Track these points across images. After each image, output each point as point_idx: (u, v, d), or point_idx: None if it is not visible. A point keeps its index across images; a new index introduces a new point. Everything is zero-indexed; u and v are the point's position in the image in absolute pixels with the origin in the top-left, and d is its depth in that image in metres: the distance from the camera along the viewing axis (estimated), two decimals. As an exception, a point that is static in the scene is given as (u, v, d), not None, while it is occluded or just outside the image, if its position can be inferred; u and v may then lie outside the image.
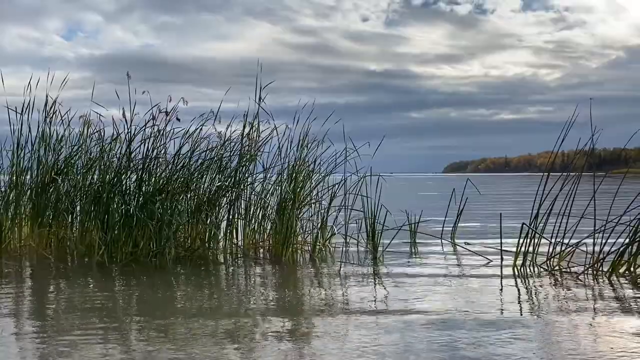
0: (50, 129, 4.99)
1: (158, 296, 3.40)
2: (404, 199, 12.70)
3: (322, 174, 5.17)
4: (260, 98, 4.95)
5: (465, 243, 5.40)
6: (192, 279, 3.94)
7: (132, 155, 4.77)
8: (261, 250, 5.01)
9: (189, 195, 4.80)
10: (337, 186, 5.25)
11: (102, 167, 4.77)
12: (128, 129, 4.74)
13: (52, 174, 4.83)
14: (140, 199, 4.60)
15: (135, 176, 4.74)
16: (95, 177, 4.83)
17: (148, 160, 4.72)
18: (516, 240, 4.40)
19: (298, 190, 4.86)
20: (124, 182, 4.69)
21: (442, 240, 5.67)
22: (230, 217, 4.92)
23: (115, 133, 4.82)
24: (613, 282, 3.78)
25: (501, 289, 3.57)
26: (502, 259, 4.42)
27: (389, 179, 5.69)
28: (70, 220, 4.83)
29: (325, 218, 5.11)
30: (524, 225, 4.35)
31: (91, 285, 3.76)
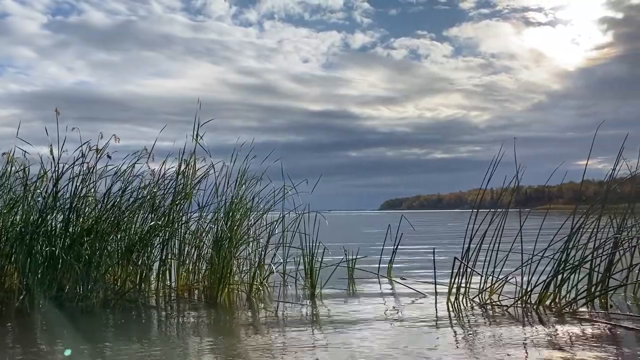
0: (-32, 167, 4.68)
1: (82, 348, 3.20)
2: (342, 235, 12.77)
3: (260, 212, 5.12)
4: (197, 135, 4.89)
5: (401, 278, 5.48)
6: (120, 325, 3.74)
7: (59, 194, 4.55)
8: (196, 291, 4.85)
9: (119, 236, 4.61)
10: (275, 223, 5.21)
11: (25, 206, 4.51)
12: (55, 167, 4.53)
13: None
14: (67, 240, 4.37)
15: (62, 216, 4.50)
16: (17, 217, 4.55)
17: (76, 200, 4.51)
18: (449, 274, 4.51)
19: (235, 228, 4.78)
20: (49, 223, 4.44)
21: (379, 276, 5.73)
22: (163, 257, 4.75)
23: (42, 171, 4.59)
24: (540, 313, 3.95)
25: (436, 323, 3.63)
26: (436, 293, 4.51)
27: (327, 215, 5.71)
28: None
29: (262, 256, 5.04)
30: (456, 260, 4.48)
31: (9, 335, 3.48)
